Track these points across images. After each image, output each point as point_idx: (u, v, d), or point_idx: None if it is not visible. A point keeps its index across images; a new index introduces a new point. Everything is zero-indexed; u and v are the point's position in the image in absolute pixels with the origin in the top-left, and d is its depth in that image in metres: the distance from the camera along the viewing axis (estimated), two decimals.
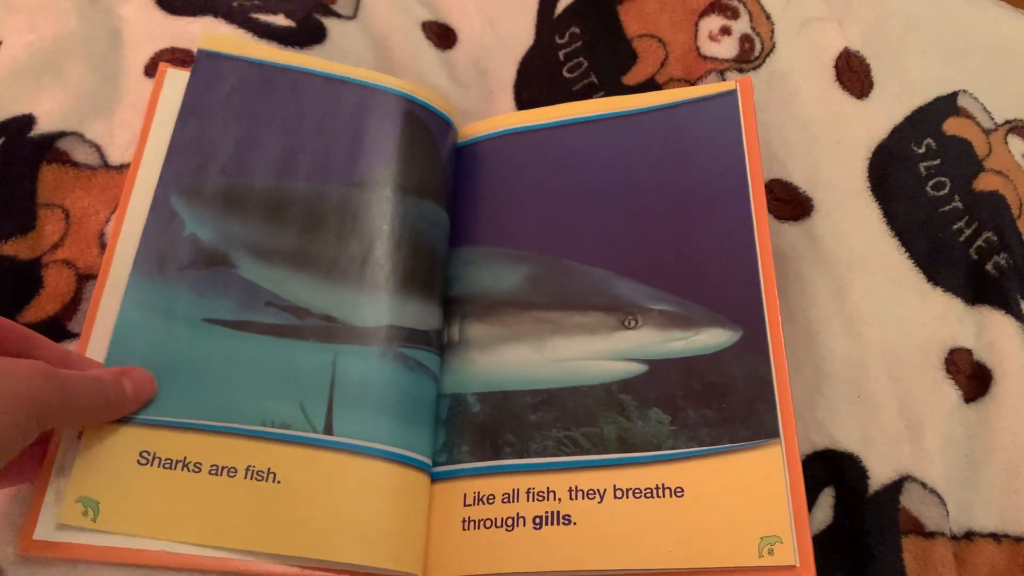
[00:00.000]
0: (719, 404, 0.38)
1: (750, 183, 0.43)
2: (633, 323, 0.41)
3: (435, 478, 0.40)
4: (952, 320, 0.44)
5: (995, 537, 0.40)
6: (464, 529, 0.38)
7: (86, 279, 0.43)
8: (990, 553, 0.39)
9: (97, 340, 0.40)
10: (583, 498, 0.38)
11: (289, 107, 0.46)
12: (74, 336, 0.41)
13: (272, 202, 0.43)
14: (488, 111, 0.52)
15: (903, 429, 0.41)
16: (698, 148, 0.45)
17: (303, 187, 0.44)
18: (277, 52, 0.48)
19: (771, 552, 0.35)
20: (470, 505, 0.39)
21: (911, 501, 0.39)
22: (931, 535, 0.39)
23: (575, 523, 0.37)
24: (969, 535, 0.40)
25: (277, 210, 0.43)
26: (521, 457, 0.39)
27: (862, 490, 0.40)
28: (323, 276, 0.42)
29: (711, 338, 0.40)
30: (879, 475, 0.40)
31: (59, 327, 0.42)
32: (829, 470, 0.40)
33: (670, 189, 0.44)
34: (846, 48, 0.51)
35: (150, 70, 0.49)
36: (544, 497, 0.38)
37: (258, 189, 0.44)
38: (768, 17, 0.52)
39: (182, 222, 0.42)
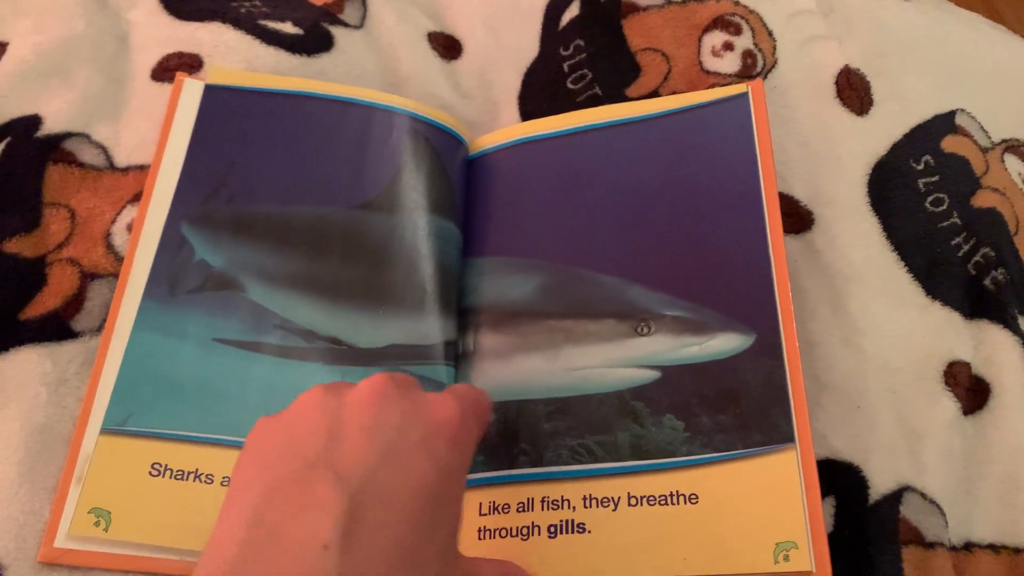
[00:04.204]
0: (733, 410, 0.38)
1: (763, 186, 0.43)
2: (646, 330, 0.41)
3: None
4: (950, 334, 0.45)
5: (994, 548, 0.40)
6: (480, 539, 0.38)
7: (91, 278, 0.43)
8: (989, 564, 0.39)
9: (113, 357, 0.40)
10: (597, 506, 0.37)
11: (295, 133, 0.46)
12: (77, 335, 0.41)
13: (280, 227, 0.44)
14: (492, 122, 0.52)
15: (902, 440, 0.41)
16: (710, 152, 0.45)
17: (310, 211, 0.44)
18: (282, 80, 0.48)
19: (787, 558, 0.34)
20: (485, 514, 0.38)
21: (911, 511, 0.40)
22: (931, 545, 0.39)
23: (590, 531, 0.37)
24: (968, 546, 0.40)
25: (285, 235, 0.44)
26: (536, 466, 0.39)
27: (862, 500, 0.40)
28: (330, 299, 0.42)
29: (725, 343, 0.40)
30: (879, 485, 0.40)
31: (61, 323, 0.41)
32: (829, 480, 0.40)
33: (682, 194, 0.44)
34: (846, 66, 0.51)
35: (157, 74, 0.49)
36: (559, 506, 0.38)
37: (266, 215, 0.44)
38: (770, 34, 0.52)
39: (191, 249, 0.43)
